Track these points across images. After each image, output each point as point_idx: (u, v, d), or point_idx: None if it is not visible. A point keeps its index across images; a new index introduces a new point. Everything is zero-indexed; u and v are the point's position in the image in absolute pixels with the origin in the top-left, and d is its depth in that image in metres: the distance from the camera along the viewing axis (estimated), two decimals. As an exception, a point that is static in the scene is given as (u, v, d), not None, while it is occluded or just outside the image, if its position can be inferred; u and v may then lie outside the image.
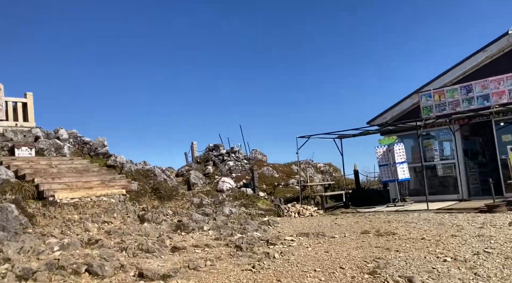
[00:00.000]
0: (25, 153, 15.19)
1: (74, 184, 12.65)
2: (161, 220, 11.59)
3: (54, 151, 16.38)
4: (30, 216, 9.81)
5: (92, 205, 11.93)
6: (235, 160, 19.66)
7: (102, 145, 17.85)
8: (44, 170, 13.20)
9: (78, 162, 15.26)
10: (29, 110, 18.13)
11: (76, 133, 18.49)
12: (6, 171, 12.03)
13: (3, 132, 16.65)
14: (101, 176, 13.96)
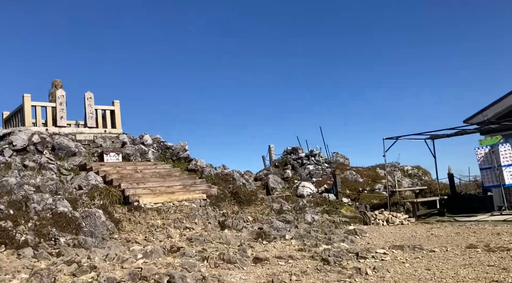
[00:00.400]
0: (113, 158, 15.88)
1: (157, 188, 12.83)
2: (241, 227, 11.25)
3: (139, 156, 16.96)
4: (116, 221, 10.00)
5: (174, 210, 11.97)
6: (315, 164, 18.87)
7: (183, 149, 18.15)
8: (129, 175, 13.61)
9: (161, 167, 15.58)
10: (117, 117, 19.04)
11: (160, 138, 19.04)
12: (96, 176, 12.55)
13: (94, 139, 17.62)
14: (183, 181, 14.06)
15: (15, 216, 8.20)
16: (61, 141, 15.71)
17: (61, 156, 15.26)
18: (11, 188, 9.10)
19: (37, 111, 16.99)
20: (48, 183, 9.98)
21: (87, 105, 18.23)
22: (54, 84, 18.36)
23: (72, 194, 10.35)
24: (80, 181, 11.96)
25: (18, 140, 15.05)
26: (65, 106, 17.76)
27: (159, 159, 17.71)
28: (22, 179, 9.91)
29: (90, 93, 18.46)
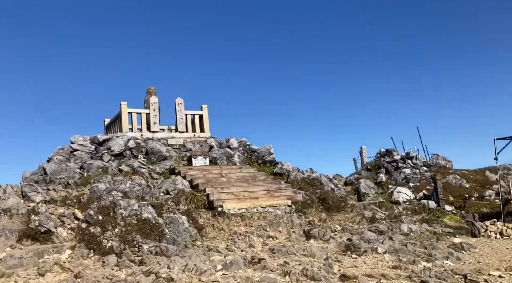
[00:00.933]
0: (201, 162, 16.09)
1: (241, 194, 12.57)
2: (328, 237, 10.45)
3: (225, 160, 16.99)
4: (200, 227, 9.89)
5: (258, 217, 11.58)
6: (412, 167, 17.20)
7: (268, 152, 17.80)
8: (215, 179, 13.59)
9: (246, 171, 15.38)
10: (205, 121, 19.37)
11: (245, 141, 18.95)
12: (182, 181, 12.71)
13: (184, 143, 18.11)
14: (267, 185, 13.65)
15: (103, 221, 8.46)
16: (154, 145, 16.34)
17: (153, 160, 15.86)
18: (100, 194, 9.50)
19: (133, 117, 17.95)
20: (135, 188, 10.28)
21: (178, 110, 18.82)
22: (149, 91, 19.27)
23: (158, 199, 10.53)
24: (167, 185, 12.19)
25: (116, 145, 15.98)
26: (158, 112, 18.54)
27: (245, 163, 17.57)
28: (111, 185, 10.33)
29: (180, 99, 19.05)
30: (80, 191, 10.70)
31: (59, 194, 10.08)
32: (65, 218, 8.51)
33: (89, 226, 8.42)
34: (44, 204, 9.34)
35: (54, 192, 10.07)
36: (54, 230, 8.05)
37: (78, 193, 9.86)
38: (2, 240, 7.55)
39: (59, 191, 10.28)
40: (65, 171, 14.04)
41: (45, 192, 9.99)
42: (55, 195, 9.71)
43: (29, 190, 9.52)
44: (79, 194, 9.78)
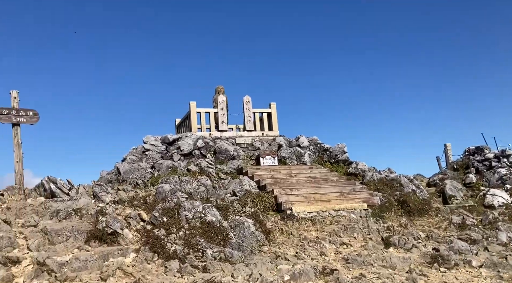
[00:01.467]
0: (269, 161, 15.54)
1: (312, 196, 11.78)
2: (410, 246, 9.30)
3: (295, 159, 16.27)
4: (267, 232, 9.30)
5: (330, 221, 10.72)
6: (509, 167, 15.11)
7: (342, 151, 16.75)
8: (283, 180, 12.93)
9: (317, 171, 14.53)
10: (273, 119, 18.81)
11: (316, 139, 18.06)
12: (249, 181, 12.22)
13: (252, 142, 17.70)
14: (340, 187, 12.69)
15: (167, 224, 8.20)
16: (222, 145, 16.12)
17: (221, 159, 15.63)
18: (165, 195, 9.30)
19: (202, 117, 17.92)
20: (200, 189, 9.94)
21: (246, 108, 18.47)
22: (217, 90, 19.17)
23: (224, 200, 10.12)
24: (234, 186, 11.78)
25: (185, 145, 16.00)
26: (226, 111, 18.34)
27: (316, 162, 16.70)
28: (176, 185, 10.10)
29: (248, 96, 18.68)
30: (148, 191, 10.65)
31: (128, 194, 10.09)
32: (131, 219, 8.39)
33: (154, 228, 8.21)
34: (113, 205, 9.35)
35: (123, 192, 10.11)
36: (120, 231, 7.93)
37: (145, 194, 9.78)
38: (71, 241, 7.56)
39: (128, 191, 10.31)
40: (137, 171, 14.27)
41: (115, 192, 10.06)
42: (124, 196, 9.72)
43: (100, 190, 9.63)
44: (146, 194, 9.69)
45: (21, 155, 13.28)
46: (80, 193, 9.68)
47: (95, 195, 9.62)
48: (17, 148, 13.26)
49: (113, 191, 10.15)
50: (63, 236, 7.63)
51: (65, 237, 7.65)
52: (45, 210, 8.71)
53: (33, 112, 13.69)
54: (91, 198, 9.64)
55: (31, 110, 13.65)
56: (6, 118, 13.18)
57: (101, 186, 9.70)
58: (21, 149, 13.30)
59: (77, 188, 9.79)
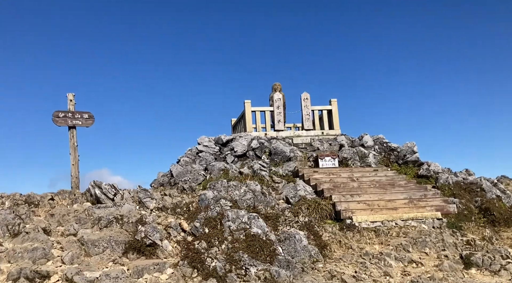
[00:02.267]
0: (328, 163, 14.33)
1: (376, 203, 10.44)
2: (498, 268, 7.71)
3: (358, 161, 14.88)
4: (322, 245, 8.21)
5: (396, 233, 9.36)
6: None
7: (411, 151, 15.05)
8: (343, 185, 11.69)
9: (382, 174, 13.07)
10: (334, 117, 17.51)
11: (382, 138, 16.48)
12: (305, 186, 11.15)
13: (311, 142, 16.56)
14: (409, 192, 11.17)
15: (209, 235, 7.44)
16: (277, 145, 15.20)
17: (276, 161, 14.71)
18: (208, 203, 8.54)
19: (257, 116, 17.13)
20: (246, 197, 9.05)
21: (304, 106, 17.38)
22: (274, 88, 18.28)
23: (274, 208, 9.17)
24: (287, 191, 10.78)
25: (239, 146, 15.30)
26: (283, 109, 17.39)
27: (382, 163, 15.18)
28: (220, 192, 9.32)
29: (306, 93, 17.56)
30: (194, 196, 10.00)
31: (173, 200, 9.52)
32: (172, 229, 7.75)
33: (194, 240, 7.50)
34: (156, 212, 8.82)
35: (168, 198, 9.56)
36: (159, 243, 7.33)
37: (189, 200, 9.14)
38: (107, 252, 7.08)
39: (174, 197, 9.75)
40: (190, 173, 13.80)
41: (160, 198, 9.54)
42: (168, 202, 9.15)
43: (144, 196, 9.16)
44: (190, 201, 9.04)
45: (77, 158, 13.37)
46: (125, 198, 9.28)
47: (140, 201, 9.16)
48: (73, 150, 13.36)
49: (159, 196, 9.64)
50: (99, 247, 7.18)
51: (102, 248, 7.18)
52: (88, 217, 8.37)
53: (89, 115, 13.73)
54: (136, 204, 9.20)
55: (87, 113, 13.70)
56: (62, 121, 13.32)
57: (145, 191, 9.22)
58: (77, 152, 13.38)
59: (122, 194, 9.41)
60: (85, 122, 13.67)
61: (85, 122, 13.67)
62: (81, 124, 13.59)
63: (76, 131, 13.46)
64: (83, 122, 13.61)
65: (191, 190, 10.35)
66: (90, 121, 13.81)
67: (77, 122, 13.49)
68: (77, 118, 13.51)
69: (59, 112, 13.32)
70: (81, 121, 13.58)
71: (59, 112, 13.35)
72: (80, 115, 13.60)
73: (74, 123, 13.44)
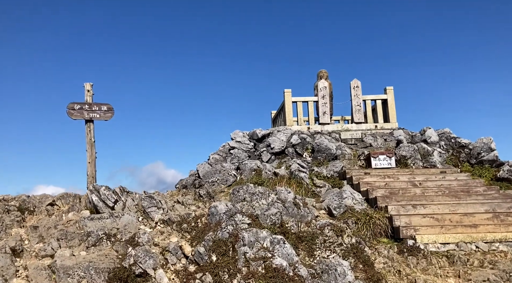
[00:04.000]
0: (383, 162, 11.89)
1: (447, 217, 7.95)
2: None
3: (420, 160, 12.30)
4: (375, 279, 5.98)
5: (479, 261, 6.88)
6: None
7: (487, 148, 12.22)
8: (403, 191, 9.26)
9: (452, 177, 10.45)
10: (390, 108, 14.92)
11: (449, 132, 13.70)
12: (353, 193, 8.87)
13: (361, 137, 14.13)
14: (491, 203, 8.55)
15: (216, 266, 5.48)
16: (321, 141, 12.96)
17: (320, 160, 12.49)
18: (220, 219, 6.55)
19: (298, 107, 14.94)
20: (271, 211, 6.85)
21: (354, 95, 14.95)
22: (319, 76, 15.99)
23: (310, 224, 7.01)
24: (330, 199, 8.56)
25: (276, 142, 13.24)
26: (330, 99, 15.08)
27: (449, 163, 12.48)
28: (238, 204, 7.27)
29: (357, 81, 15.12)
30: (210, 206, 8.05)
31: (186, 209, 7.66)
32: (170, 254, 5.89)
33: (198, 270, 5.58)
34: (161, 225, 7.00)
35: (180, 207, 7.71)
36: (152, 273, 5.50)
37: (201, 212, 7.22)
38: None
39: (187, 205, 7.89)
40: (219, 173, 11.99)
41: (171, 207, 7.73)
42: (177, 213, 7.30)
43: (149, 205, 7.40)
44: (201, 213, 7.12)
45: (94, 155, 11.91)
46: (128, 207, 7.57)
47: (144, 210, 7.40)
48: (90, 147, 11.89)
49: (171, 204, 7.82)
50: (74, 277, 5.46)
51: (77, 278, 5.46)
52: (77, 231, 6.74)
53: (108, 107, 12.20)
54: (139, 214, 7.46)
55: (105, 105, 12.19)
56: (78, 114, 11.89)
57: (151, 198, 7.45)
58: (94, 149, 11.93)
59: (124, 201, 7.70)
60: (103, 115, 12.19)
61: (103, 115, 12.19)
62: (99, 117, 12.11)
63: (93, 125, 12.02)
64: (101, 115, 12.13)
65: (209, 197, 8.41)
66: (109, 113, 12.31)
67: (95, 115, 12.02)
68: (95, 111, 12.06)
69: (74, 104, 11.91)
70: (99, 114, 12.11)
71: (75, 104, 11.94)
72: (98, 107, 12.13)
73: (91, 116, 11.97)
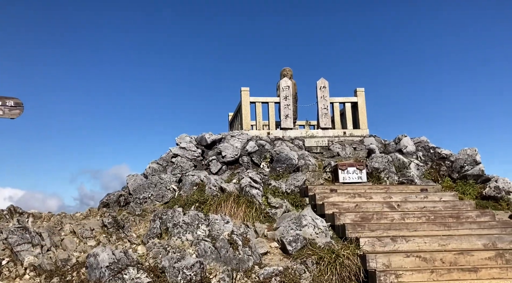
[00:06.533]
0: (353, 176, 9.97)
1: (437, 256, 5.99)
2: None
3: (394, 173, 10.47)
4: None
5: (485, 325, 4.94)
6: None
7: (472, 161, 10.53)
8: (378, 216, 7.30)
9: (436, 197, 8.61)
10: (360, 112, 13.11)
11: (427, 142, 11.99)
12: (315, 219, 6.82)
13: (329, 145, 12.21)
14: (489, 235, 6.69)
15: None
16: (281, 149, 10.92)
17: (279, 171, 10.44)
18: (100, 276, 4.29)
19: (257, 109, 12.86)
20: (186, 261, 4.49)
21: (320, 97, 13.04)
22: (283, 74, 13.98)
23: (249, 274, 4.80)
24: (285, 229, 6.47)
25: (228, 149, 11.09)
26: (293, 101, 13.10)
27: (428, 177, 10.73)
28: (127, 253, 4.92)
29: (324, 80, 13.22)
30: (126, 237, 5.73)
31: (80, 246, 5.35)
32: None
33: None
34: (28, 275, 4.68)
35: (70, 243, 5.39)
36: None
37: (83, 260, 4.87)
38: None
39: (84, 239, 5.55)
40: (154, 187, 9.73)
41: (60, 240, 5.39)
42: (48, 258, 4.97)
43: (19, 241, 5.01)
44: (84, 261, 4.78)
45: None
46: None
47: (12, 249, 5.06)
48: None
49: (57, 238, 5.46)
50: None
51: None
52: None
53: (15, 102, 9.69)
54: (6, 254, 5.08)
55: (12, 99, 9.65)
56: (-29, 110, 9.46)
57: (24, 231, 5.10)
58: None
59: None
60: (8, 112, 9.70)
61: (8, 112, 9.69)
62: (2, 114, 9.63)
63: (-5, 124, 9.50)
64: (6, 111, 9.65)
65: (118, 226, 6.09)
66: (17, 110, 9.82)
67: (-5, 111, 9.57)
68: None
69: (-32, 98, 9.43)
70: (3, 110, 9.64)
71: (-30, 97, 9.46)
72: (1, 101, 9.67)
73: (-10, 112, 9.53)
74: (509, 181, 10.44)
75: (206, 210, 7.80)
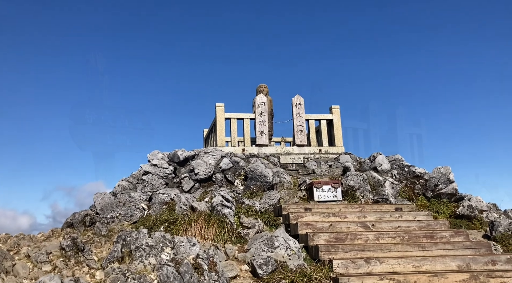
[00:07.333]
0: (328, 194, 9.82)
1: (411, 279, 5.83)
2: None
3: (369, 191, 10.39)
4: None
5: None
6: None
7: (445, 180, 10.55)
8: (352, 236, 7.12)
9: (410, 216, 8.53)
10: (336, 129, 13.10)
11: (401, 160, 12.01)
12: (288, 240, 6.59)
13: (304, 162, 12.09)
14: (463, 256, 6.60)
15: None
16: (256, 166, 10.69)
17: (253, 189, 10.20)
18: None
19: (232, 125, 12.67)
20: None
21: (295, 114, 12.98)
22: (259, 90, 13.92)
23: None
24: (256, 250, 6.23)
25: (201, 166, 10.80)
26: (268, 117, 12.98)
27: (403, 195, 10.69)
28: (79, 281, 4.56)
29: (299, 97, 13.20)
30: (81, 263, 5.35)
31: (34, 272, 4.96)
32: None
33: None
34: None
35: (23, 269, 4.98)
36: None
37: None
38: None
39: (39, 264, 5.13)
40: (122, 206, 9.33)
41: (10, 268, 4.99)
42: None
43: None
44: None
45: None
46: None
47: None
48: None
49: (8, 263, 5.06)
50: None
51: None
52: None
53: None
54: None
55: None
56: None
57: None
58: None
59: None
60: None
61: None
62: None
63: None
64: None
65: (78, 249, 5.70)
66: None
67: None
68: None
69: None
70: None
71: None
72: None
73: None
74: (482, 200, 10.50)
75: (175, 230, 7.49)
